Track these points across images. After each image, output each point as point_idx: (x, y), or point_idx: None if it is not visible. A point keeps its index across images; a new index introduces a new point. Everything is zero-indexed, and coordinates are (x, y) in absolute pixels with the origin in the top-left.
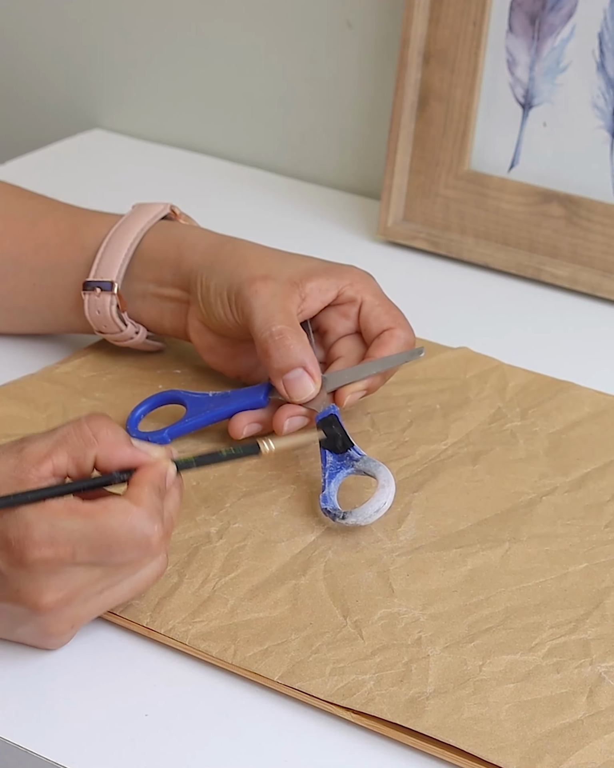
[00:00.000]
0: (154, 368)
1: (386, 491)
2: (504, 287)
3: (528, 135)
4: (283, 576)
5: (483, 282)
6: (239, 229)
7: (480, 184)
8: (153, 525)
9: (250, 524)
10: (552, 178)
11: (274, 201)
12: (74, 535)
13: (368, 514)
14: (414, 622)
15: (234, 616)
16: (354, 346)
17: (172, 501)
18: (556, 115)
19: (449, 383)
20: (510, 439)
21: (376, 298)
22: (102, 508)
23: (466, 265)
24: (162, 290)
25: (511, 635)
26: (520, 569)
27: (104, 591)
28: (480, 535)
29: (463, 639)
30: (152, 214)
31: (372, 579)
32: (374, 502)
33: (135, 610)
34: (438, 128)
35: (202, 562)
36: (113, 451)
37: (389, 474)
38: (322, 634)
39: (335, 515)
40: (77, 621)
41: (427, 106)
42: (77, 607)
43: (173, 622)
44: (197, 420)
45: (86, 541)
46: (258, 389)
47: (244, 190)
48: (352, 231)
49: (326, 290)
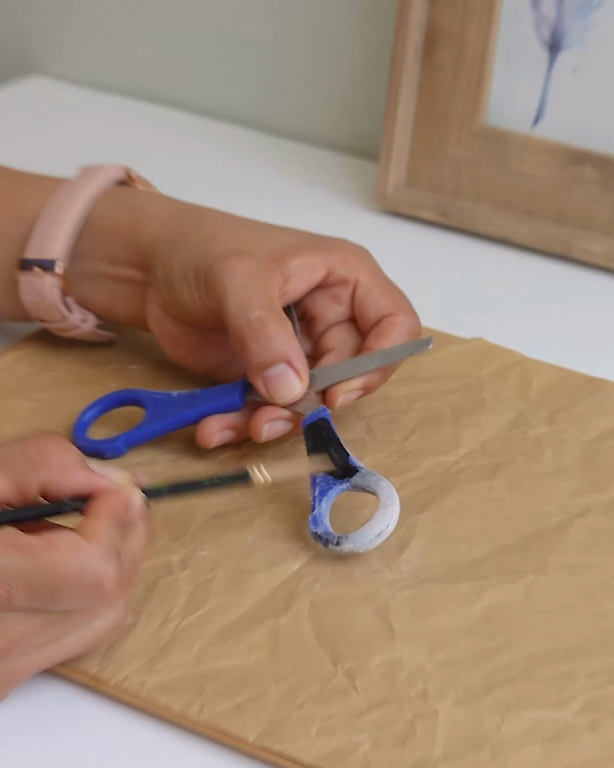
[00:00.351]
0: (104, 364)
1: (389, 511)
2: (528, 265)
3: (555, 83)
4: (260, 614)
5: (503, 259)
6: (208, 197)
7: (498, 142)
8: (107, 565)
9: (220, 551)
10: (585, 134)
11: (250, 162)
12: (10, 575)
13: (368, 539)
14: (419, 671)
15: (200, 664)
16: (348, 336)
17: (137, 538)
18: (589, 59)
19: (461, 381)
20: (535, 449)
21: (374, 278)
22: (46, 544)
23: (482, 239)
24: (115, 270)
25: (537, 687)
26: (548, 607)
27: (48, 644)
28: (499, 565)
29: (478, 691)
30: (103, 178)
31: (368, 618)
32: (375, 525)
33: (80, 658)
34: (448, 76)
35: (161, 597)
36: (64, 475)
37: (392, 490)
38: (308, 685)
39: (328, 540)
40: (13, 679)
41: (434, 49)
42: (13, 662)
43: (127, 672)
44: (158, 425)
45: (25, 582)
46: (232, 388)
47: (214, 149)
48: (345, 199)
49: (313, 269)
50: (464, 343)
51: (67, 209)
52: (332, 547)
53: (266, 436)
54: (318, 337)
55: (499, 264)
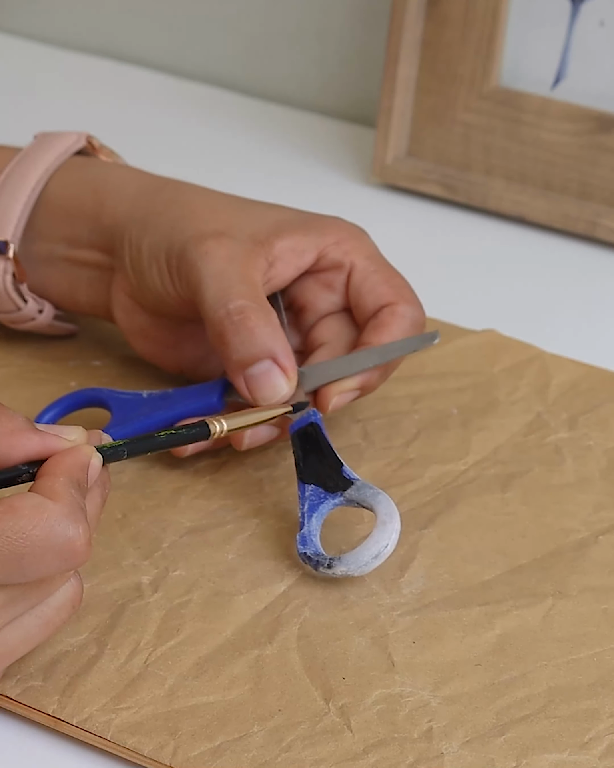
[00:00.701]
0: (64, 359)
1: (387, 529)
2: (546, 247)
3: (579, 39)
4: (241, 643)
5: (517, 240)
6: (182, 169)
7: (513, 106)
8: (76, 525)
9: (196, 571)
10: (612, 97)
11: (229, 130)
12: None
13: (364, 562)
14: (423, 708)
15: (174, 701)
16: (343, 328)
17: (93, 505)
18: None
19: (470, 379)
20: (554, 457)
21: (371, 262)
22: (6, 508)
23: (493, 216)
24: (76, 253)
25: (556, 726)
26: (568, 635)
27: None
28: (514, 587)
29: (490, 731)
30: (61, 147)
31: (364, 647)
32: (372, 545)
33: (37, 693)
34: (456, 30)
35: (130, 625)
36: (13, 441)
37: (392, 505)
38: (296, 724)
39: (318, 563)
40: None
41: (440, 0)
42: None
43: (90, 710)
44: (126, 429)
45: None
46: (210, 388)
47: (189, 114)
48: (338, 170)
49: (302, 251)
50: (473, 335)
51: (19, 183)
52: (323, 570)
53: (248, 444)
54: (308, 329)
55: (514, 245)
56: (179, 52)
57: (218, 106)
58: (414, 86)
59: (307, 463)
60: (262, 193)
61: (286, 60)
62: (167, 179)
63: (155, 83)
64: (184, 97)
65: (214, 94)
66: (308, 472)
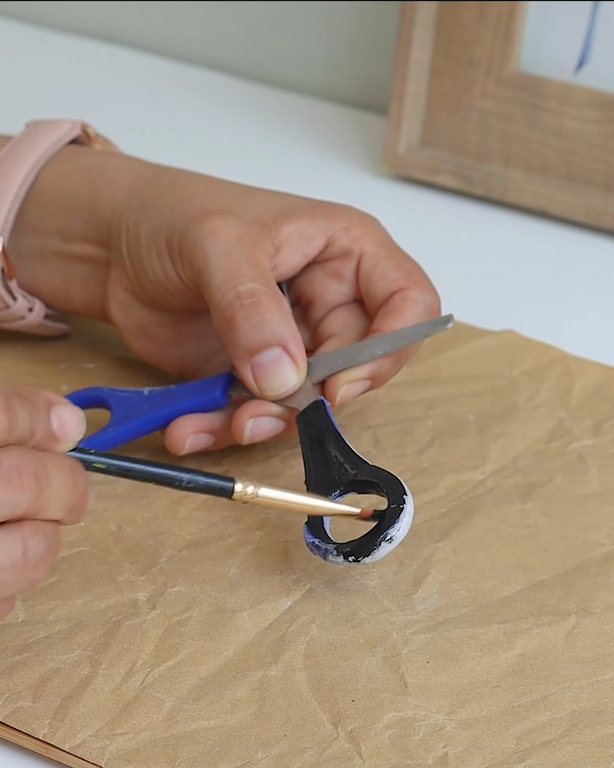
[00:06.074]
0: (55, 361)
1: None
2: (569, 241)
3: (604, 20)
4: (244, 664)
5: (538, 235)
6: (182, 157)
7: (533, 92)
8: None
9: (196, 587)
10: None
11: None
12: None
13: (375, 546)
14: (438, 732)
15: (173, 726)
16: (353, 319)
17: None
18: None
19: (488, 383)
20: (578, 466)
21: (382, 248)
22: None
23: (512, 209)
24: (69, 246)
25: (579, 753)
26: (593, 655)
27: None
28: (534, 604)
29: (509, 757)
30: (54, 137)
31: (375, 668)
32: (384, 528)
33: (27, 716)
34: (472, 10)
35: (125, 643)
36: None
37: (403, 487)
38: (303, 750)
39: (327, 551)
40: None
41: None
42: None
43: (84, 735)
44: (127, 428)
45: None
46: (212, 382)
47: (189, 100)
48: (347, 160)
49: (310, 237)
50: (491, 336)
51: (9, 174)
52: (332, 558)
53: (249, 437)
54: (316, 323)
55: (534, 240)
56: (180, 35)
57: (220, 92)
58: (427, 70)
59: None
60: (265, 184)
61: (292, 43)
62: (164, 167)
63: (155, 68)
64: (185, 83)
65: (215, 80)
66: (314, 458)
